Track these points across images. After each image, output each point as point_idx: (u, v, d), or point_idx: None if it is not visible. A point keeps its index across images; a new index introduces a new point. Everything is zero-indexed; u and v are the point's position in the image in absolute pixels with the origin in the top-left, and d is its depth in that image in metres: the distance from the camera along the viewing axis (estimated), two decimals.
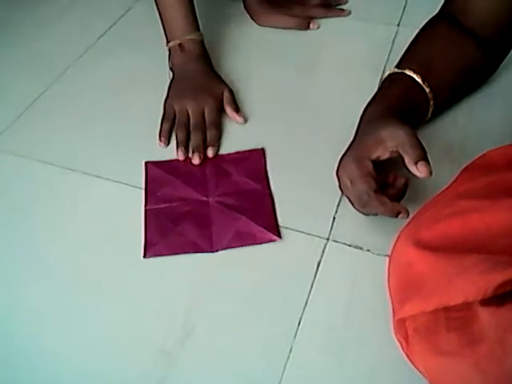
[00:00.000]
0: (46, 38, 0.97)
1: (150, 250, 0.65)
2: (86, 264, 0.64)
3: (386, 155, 0.61)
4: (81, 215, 0.70)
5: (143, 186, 0.72)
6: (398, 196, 0.63)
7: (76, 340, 0.58)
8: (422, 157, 0.58)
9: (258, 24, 0.98)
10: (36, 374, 0.56)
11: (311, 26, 0.96)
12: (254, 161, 0.75)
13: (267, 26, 0.97)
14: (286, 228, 0.66)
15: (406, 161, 0.59)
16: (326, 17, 0.98)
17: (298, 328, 0.58)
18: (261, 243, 0.65)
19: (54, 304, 0.61)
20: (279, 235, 0.65)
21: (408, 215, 0.59)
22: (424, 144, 0.60)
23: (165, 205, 0.69)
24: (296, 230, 0.66)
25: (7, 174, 0.75)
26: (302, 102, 0.84)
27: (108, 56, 0.93)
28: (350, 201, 0.63)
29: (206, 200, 0.70)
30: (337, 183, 0.64)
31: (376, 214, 0.62)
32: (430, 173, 0.58)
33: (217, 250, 0.65)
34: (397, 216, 0.59)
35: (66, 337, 0.58)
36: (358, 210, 0.62)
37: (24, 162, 0.76)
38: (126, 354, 0.57)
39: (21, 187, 0.73)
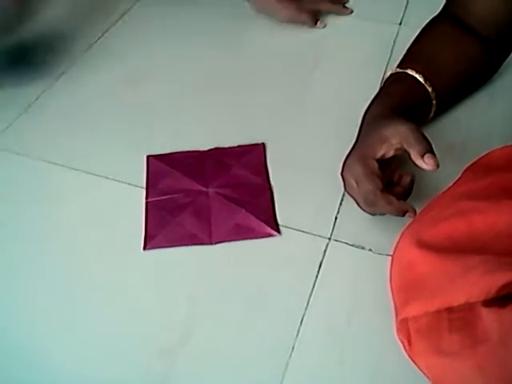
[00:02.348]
0: None
1: (149, 242, 0.65)
2: (86, 262, 0.64)
3: (390, 153, 0.61)
4: (81, 213, 0.69)
5: (144, 183, 0.72)
6: (405, 194, 0.62)
7: (74, 339, 0.58)
8: (428, 149, 0.58)
9: (271, 17, 0.95)
10: (32, 374, 0.56)
11: (318, 24, 0.96)
12: (255, 155, 0.74)
13: (277, 20, 0.95)
14: (288, 227, 0.66)
15: (412, 155, 0.58)
16: (329, 12, 0.98)
17: (300, 327, 0.58)
18: (260, 237, 0.65)
19: (53, 301, 0.61)
20: (278, 230, 0.66)
21: (415, 214, 0.59)
22: None
23: (165, 196, 0.70)
24: (298, 230, 0.66)
25: (8, 172, 0.75)
26: (303, 99, 0.84)
27: (108, 56, 0.93)
28: (356, 201, 0.62)
29: (205, 190, 0.70)
30: (339, 182, 0.64)
31: (383, 214, 0.62)
32: (437, 165, 0.57)
33: (216, 243, 0.65)
34: (404, 215, 0.59)
35: (63, 336, 0.58)
36: (364, 210, 0.62)
37: (24, 161, 0.76)
38: (125, 354, 0.57)
39: (21, 185, 0.73)
